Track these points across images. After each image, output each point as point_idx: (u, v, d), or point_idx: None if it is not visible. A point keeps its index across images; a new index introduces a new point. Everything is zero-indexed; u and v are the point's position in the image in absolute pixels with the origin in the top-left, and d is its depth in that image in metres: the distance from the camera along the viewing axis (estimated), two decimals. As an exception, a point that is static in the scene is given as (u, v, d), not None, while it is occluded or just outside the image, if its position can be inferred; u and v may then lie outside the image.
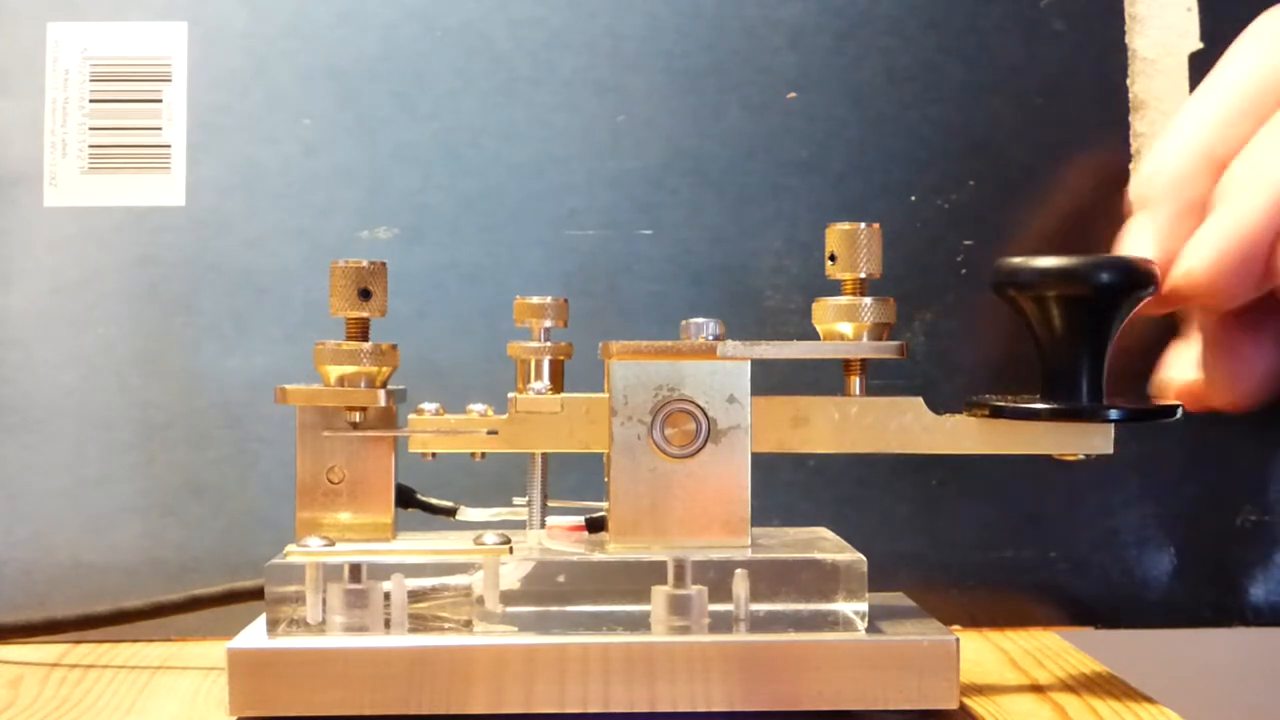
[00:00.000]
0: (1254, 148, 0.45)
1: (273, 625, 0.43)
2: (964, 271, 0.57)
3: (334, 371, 0.45)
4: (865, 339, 0.45)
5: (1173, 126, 0.48)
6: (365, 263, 0.45)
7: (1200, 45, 0.57)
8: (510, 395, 0.45)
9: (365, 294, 0.45)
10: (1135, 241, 0.47)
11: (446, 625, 0.44)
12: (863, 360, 0.46)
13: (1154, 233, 0.46)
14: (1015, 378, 0.55)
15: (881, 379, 0.55)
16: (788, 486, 0.56)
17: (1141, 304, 0.45)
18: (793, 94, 0.57)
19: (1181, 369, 0.50)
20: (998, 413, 0.44)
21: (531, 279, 0.56)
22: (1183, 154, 0.46)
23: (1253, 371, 0.47)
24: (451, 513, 0.48)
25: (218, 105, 0.57)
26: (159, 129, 0.57)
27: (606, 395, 0.45)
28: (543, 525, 0.47)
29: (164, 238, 0.56)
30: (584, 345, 0.48)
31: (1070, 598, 0.57)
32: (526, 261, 0.57)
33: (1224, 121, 0.46)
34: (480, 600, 0.43)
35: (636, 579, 0.44)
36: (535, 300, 0.47)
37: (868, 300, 0.45)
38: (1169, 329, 0.53)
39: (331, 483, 0.46)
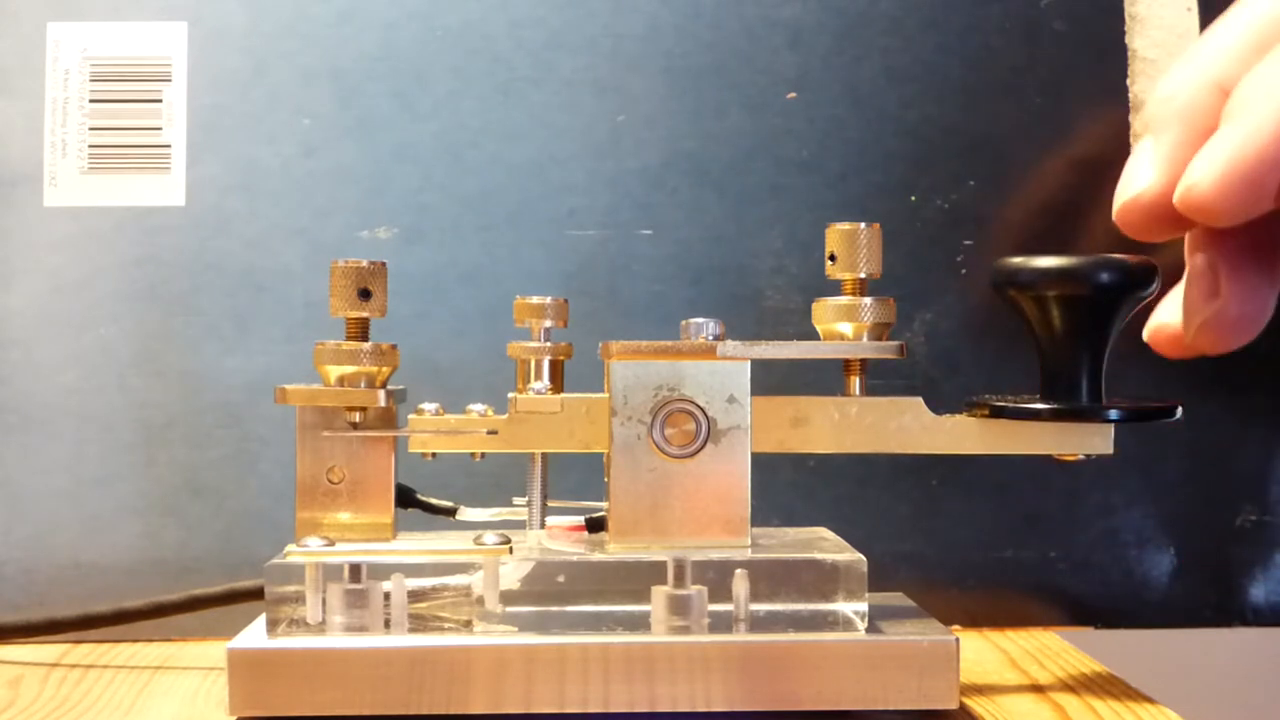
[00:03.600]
0: (1263, 67, 0.45)
1: (273, 625, 0.43)
2: (964, 271, 0.57)
3: (334, 371, 0.45)
4: (865, 339, 0.45)
5: (1184, 56, 0.48)
6: (365, 263, 0.45)
7: (1200, 45, 0.57)
8: (510, 395, 0.45)
9: (365, 294, 0.45)
10: (1140, 165, 0.47)
11: (446, 625, 0.44)
12: (863, 360, 0.46)
13: (1160, 156, 0.46)
14: (1015, 378, 0.55)
15: (881, 379, 0.55)
16: (788, 486, 0.56)
17: (1148, 232, 0.44)
18: (793, 94, 0.57)
19: (1164, 313, 0.49)
20: (998, 413, 0.44)
21: (531, 279, 0.56)
22: (1194, 81, 0.46)
23: (1234, 312, 0.46)
24: (451, 513, 0.48)
25: (218, 105, 0.57)
26: (159, 129, 0.57)
27: (606, 395, 0.45)
28: (543, 525, 0.47)
29: (164, 238, 0.56)
30: (584, 345, 0.48)
31: (1070, 598, 0.57)
32: (526, 261, 0.57)
33: (1238, 53, 0.46)
34: (480, 600, 0.43)
35: (636, 579, 0.44)
36: (535, 300, 0.47)
37: (868, 300, 0.45)
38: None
39: (331, 483, 0.46)
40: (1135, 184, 0.46)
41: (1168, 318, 0.48)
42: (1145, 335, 0.49)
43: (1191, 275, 0.47)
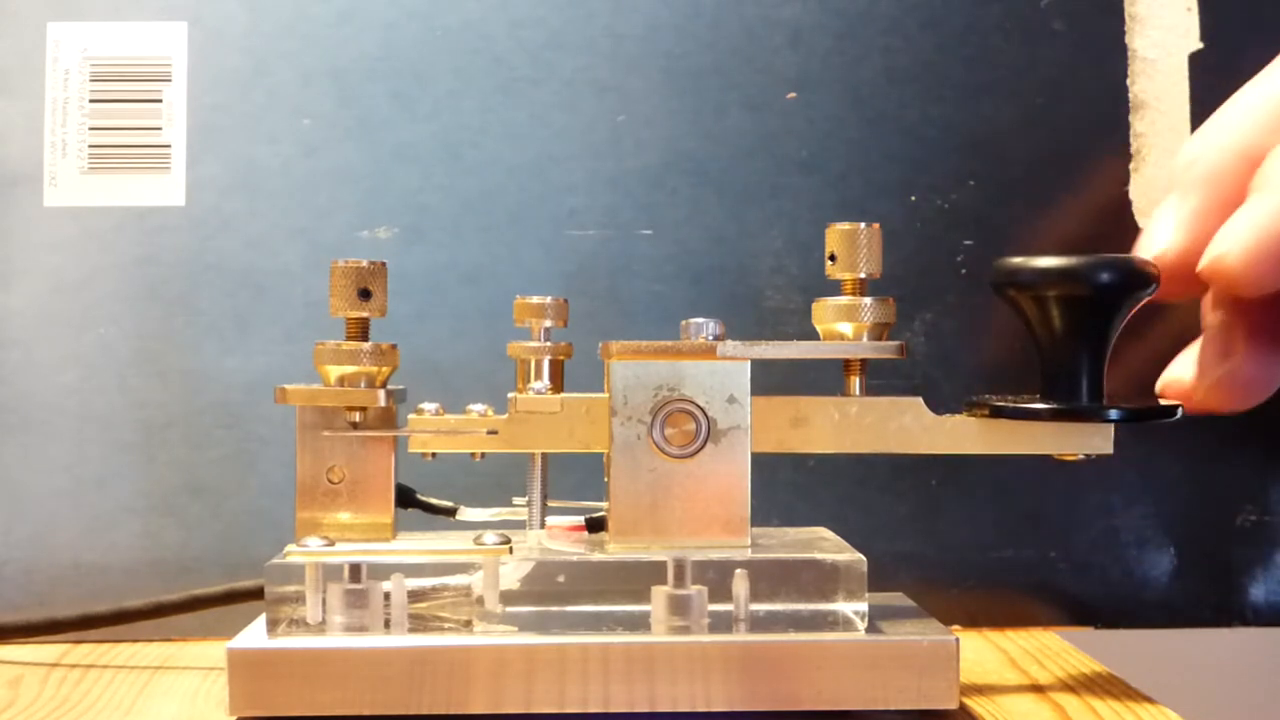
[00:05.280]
0: None
1: (273, 625, 0.43)
2: (964, 271, 0.57)
3: (334, 371, 0.45)
4: (865, 339, 0.45)
5: (1212, 119, 0.48)
6: (365, 263, 0.45)
7: (1200, 45, 0.57)
8: (510, 395, 0.45)
9: (365, 294, 0.45)
10: (1162, 225, 0.47)
11: (446, 625, 0.44)
12: (863, 360, 0.46)
13: (1182, 219, 0.46)
14: (1015, 378, 0.55)
15: (881, 379, 0.55)
16: (788, 486, 0.56)
17: (1165, 292, 0.44)
18: (793, 94, 0.57)
19: (1178, 367, 0.50)
20: (998, 413, 0.44)
21: (531, 279, 0.56)
22: (1220, 146, 0.46)
23: (1246, 374, 0.47)
24: (451, 513, 0.48)
25: (218, 105, 0.57)
26: (159, 129, 0.57)
27: (606, 395, 0.45)
28: (543, 525, 0.47)
29: (164, 238, 0.56)
30: (584, 345, 0.48)
31: (1070, 598, 0.57)
32: (526, 261, 0.57)
33: (1265, 122, 0.46)
34: (480, 600, 0.43)
35: (636, 579, 0.44)
36: (535, 300, 0.47)
37: (868, 300, 0.45)
38: (1173, 326, 0.53)
39: (331, 483, 0.46)
40: (1157, 244, 0.46)
41: (1180, 373, 0.48)
42: (1158, 388, 0.49)
43: (1207, 333, 0.47)
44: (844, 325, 0.45)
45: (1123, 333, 0.45)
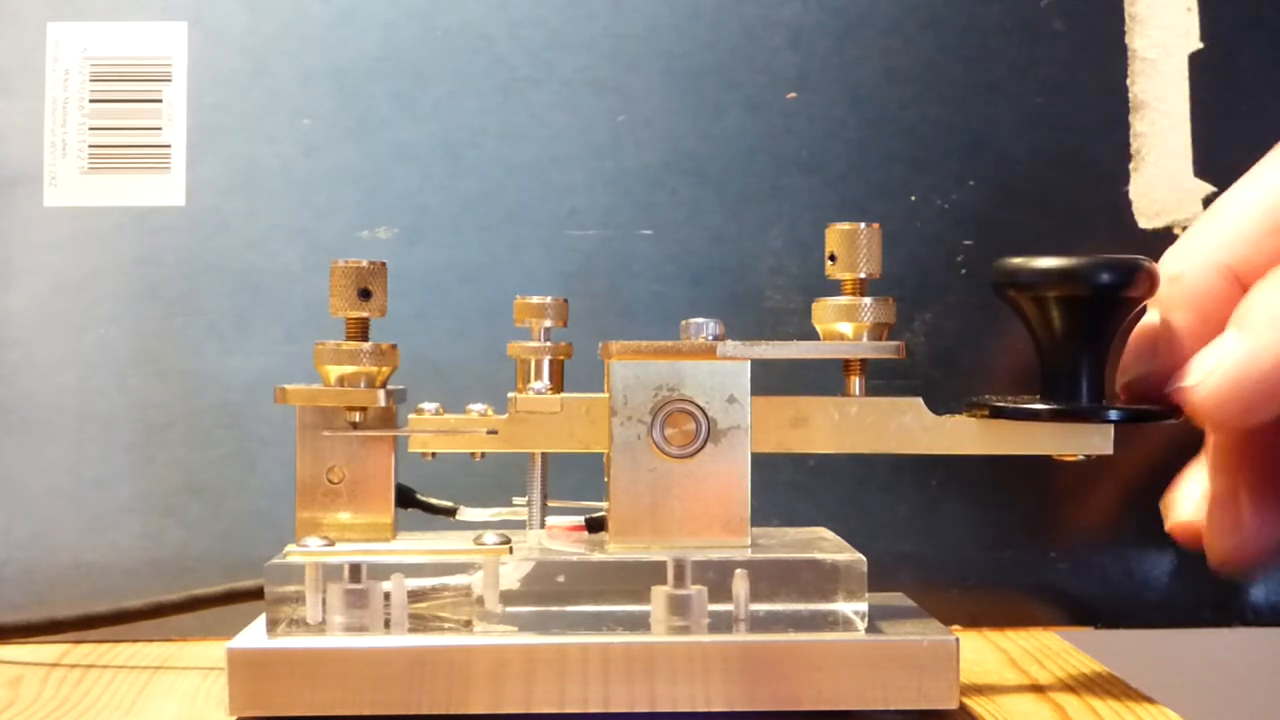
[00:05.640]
0: (1278, 275, 0.44)
1: (273, 625, 0.43)
2: (964, 271, 0.57)
3: (334, 371, 0.45)
4: (865, 339, 0.45)
5: (1193, 230, 0.47)
6: (365, 263, 0.45)
7: (1200, 45, 0.57)
8: (510, 395, 0.45)
9: (365, 294, 0.45)
10: (1144, 344, 0.47)
11: (446, 625, 0.44)
12: (862, 360, 0.46)
13: (1165, 339, 0.46)
14: (1015, 378, 0.55)
15: (881, 379, 0.55)
16: (788, 486, 0.56)
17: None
18: (793, 94, 0.57)
19: (1185, 507, 0.49)
20: (998, 413, 0.44)
21: (531, 279, 0.56)
22: (1202, 262, 0.46)
23: (1257, 543, 0.46)
24: (451, 513, 0.48)
25: (218, 105, 0.57)
26: (159, 129, 0.57)
27: (606, 395, 0.45)
28: (543, 525, 0.47)
29: (164, 238, 0.56)
30: (584, 345, 0.48)
31: (1070, 598, 0.57)
32: (526, 261, 0.57)
33: (1247, 235, 0.45)
34: (480, 600, 0.43)
35: (636, 579, 0.44)
36: (535, 300, 0.47)
37: (868, 300, 0.45)
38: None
39: (331, 483, 0.46)
40: (1141, 366, 0.46)
41: (1188, 514, 0.48)
42: (1167, 527, 0.49)
43: (1214, 500, 0.47)
44: (844, 325, 0.45)
45: (1122, 333, 0.45)
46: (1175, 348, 0.45)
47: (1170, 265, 0.46)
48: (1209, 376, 0.42)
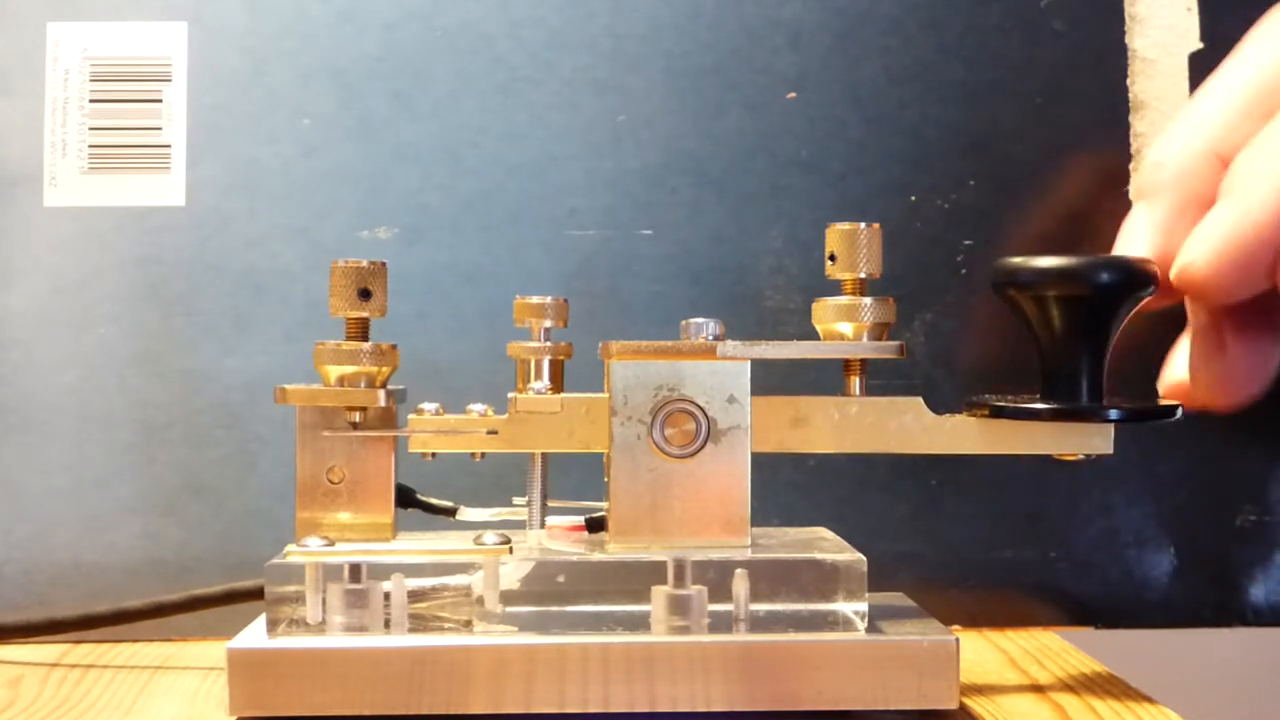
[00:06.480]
0: (1260, 143, 0.44)
1: (273, 625, 0.43)
2: (964, 271, 0.57)
3: (334, 371, 0.45)
4: (865, 339, 0.45)
5: (1178, 120, 0.47)
6: (365, 263, 0.45)
7: (1200, 45, 0.57)
8: (510, 395, 0.45)
9: (365, 294, 0.45)
10: (1134, 233, 0.47)
11: (446, 625, 0.44)
12: (863, 360, 0.46)
13: (1153, 225, 0.46)
14: (1015, 378, 0.55)
15: (881, 379, 0.55)
16: (788, 486, 0.56)
17: (1145, 300, 0.45)
18: (793, 94, 0.57)
19: (1176, 368, 0.50)
20: (998, 413, 0.44)
21: (531, 279, 0.56)
22: (1186, 148, 0.46)
23: (1239, 369, 0.47)
24: (451, 513, 0.48)
25: (218, 105, 0.57)
26: (159, 129, 0.57)
27: (606, 395, 0.45)
28: (543, 525, 0.47)
29: (164, 238, 0.56)
30: (584, 345, 0.48)
31: (1070, 598, 0.57)
32: (526, 261, 0.57)
33: (1230, 117, 0.46)
34: (480, 600, 0.43)
35: (636, 579, 0.44)
36: (535, 300, 0.47)
37: (868, 300, 0.45)
38: (1176, 327, 0.53)
39: (331, 483, 0.46)
40: (1130, 253, 0.46)
41: (1179, 373, 0.48)
42: (1160, 390, 0.49)
43: (1195, 332, 0.47)
44: (844, 325, 0.45)
45: (1122, 333, 0.45)
46: (1166, 232, 0.45)
47: (1154, 154, 0.46)
48: (1201, 251, 0.43)
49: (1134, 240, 0.47)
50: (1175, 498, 0.57)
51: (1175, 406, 0.45)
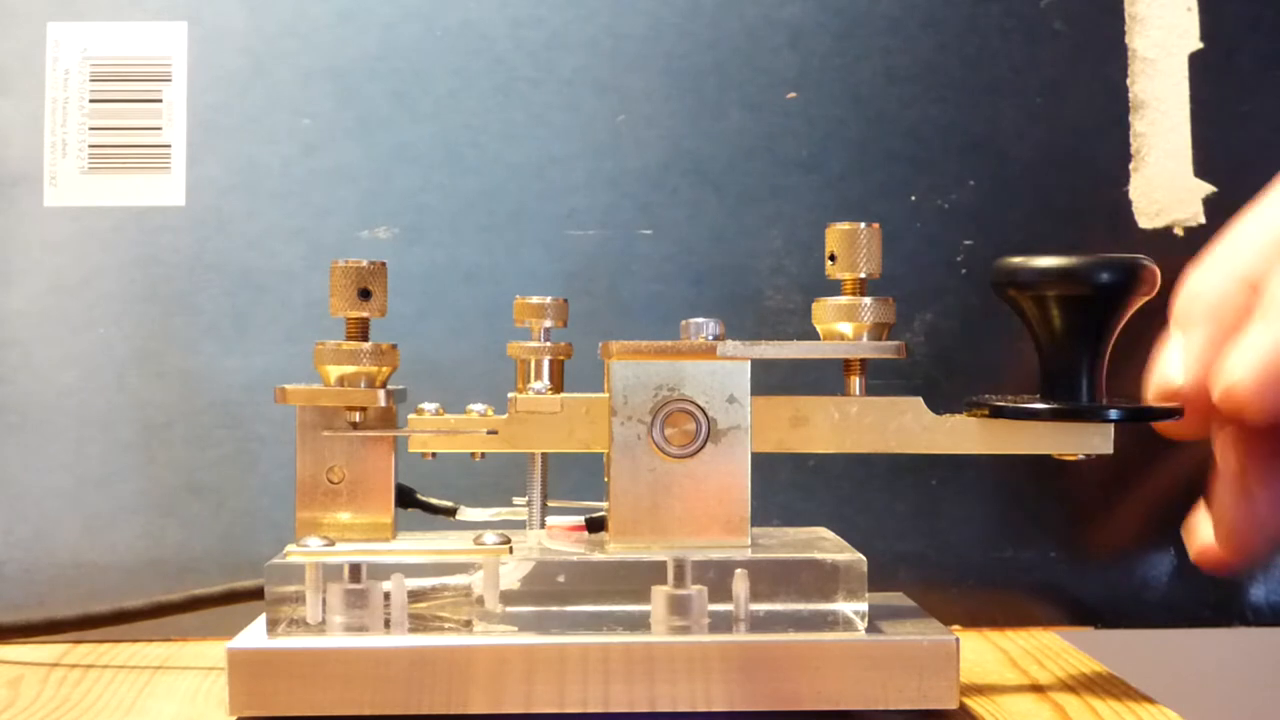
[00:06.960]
0: None
1: (273, 625, 0.43)
2: (964, 271, 0.57)
3: (334, 371, 0.45)
4: (865, 339, 0.45)
5: (1214, 251, 0.48)
6: (365, 263, 0.45)
7: (1200, 45, 0.57)
8: (510, 395, 0.45)
9: (365, 294, 0.45)
10: (1171, 362, 0.47)
11: (446, 625, 0.44)
12: (863, 360, 0.46)
13: (1190, 354, 0.46)
14: (1015, 378, 0.55)
15: (881, 379, 0.55)
16: (788, 486, 0.56)
17: (1179, 426, 0.45)
18: (793, 94, 0.57)
19: (1207, 532, 0.49)
20: (998, 413, 0.44)
21: (531, 279, 0.56)
22: (1223, 278, 0.46)
23: (1263, 518, 0.46)
24: (451, 513, 0.48)
25: (218, 105, 0.57)
26: (159, 129, 0.57)
27: (606, 395, 0.45)
28: (543, 525, 0.47)
29: (164, 238, 0.56)
30: (584, 345, 0.48)
31: (1070, 598, 0.57)
32: (526, 261, 0.57)
33: (1265, 248, 0.46)
34: (480, 600, 0.43)
35: (636, 579, 0.44)
36: (535, 300, 0.47)
37: (868, 300, 0.45)
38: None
39: (331, 483, 0.46)
40: (1169, 383, 0.46)
41: (1210, 538, 0.48)
42: (1192, 556, 0.49)
43: (1222, 478, 0.47)
44: (844, 325, 0.45)
45: (1122, 333, 0.45)
46: (1202, 361, 0.45)
47: (1191, 285, 0.46)
48: (1244, 370, 0.43)
49: (1171, 370, 0.47)
50: (1175, 498, 0.57)
51: (1176, 407, 0.45)
